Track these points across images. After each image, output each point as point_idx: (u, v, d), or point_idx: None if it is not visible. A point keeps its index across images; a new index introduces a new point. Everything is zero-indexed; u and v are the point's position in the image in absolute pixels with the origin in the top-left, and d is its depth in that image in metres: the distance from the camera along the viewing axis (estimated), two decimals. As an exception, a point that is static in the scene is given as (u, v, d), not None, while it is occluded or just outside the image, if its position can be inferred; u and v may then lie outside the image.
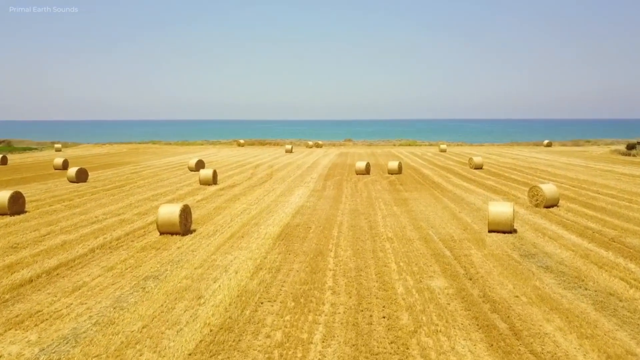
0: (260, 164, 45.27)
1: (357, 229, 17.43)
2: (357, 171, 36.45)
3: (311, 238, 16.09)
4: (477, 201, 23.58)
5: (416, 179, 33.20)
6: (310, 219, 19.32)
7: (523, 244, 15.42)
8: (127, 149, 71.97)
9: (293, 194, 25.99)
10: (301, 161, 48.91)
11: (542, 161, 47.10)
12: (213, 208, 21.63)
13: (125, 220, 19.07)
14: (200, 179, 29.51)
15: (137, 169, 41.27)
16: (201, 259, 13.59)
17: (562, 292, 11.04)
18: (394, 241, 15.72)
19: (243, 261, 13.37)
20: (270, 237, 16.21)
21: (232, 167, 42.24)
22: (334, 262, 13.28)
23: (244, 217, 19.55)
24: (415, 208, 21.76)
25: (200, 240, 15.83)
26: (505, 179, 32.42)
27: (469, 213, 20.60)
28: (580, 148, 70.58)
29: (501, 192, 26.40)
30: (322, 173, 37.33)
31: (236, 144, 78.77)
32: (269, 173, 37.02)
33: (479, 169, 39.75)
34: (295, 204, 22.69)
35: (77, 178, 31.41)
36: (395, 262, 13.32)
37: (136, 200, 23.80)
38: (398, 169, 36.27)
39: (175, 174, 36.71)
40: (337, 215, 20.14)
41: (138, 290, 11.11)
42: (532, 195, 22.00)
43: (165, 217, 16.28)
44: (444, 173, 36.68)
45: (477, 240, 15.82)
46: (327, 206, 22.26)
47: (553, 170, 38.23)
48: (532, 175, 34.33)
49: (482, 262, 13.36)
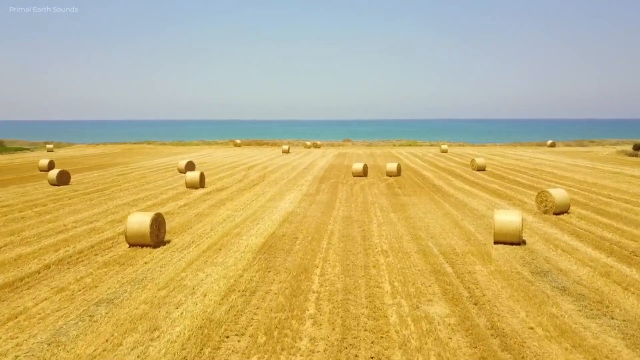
0: (255, 165, 43.61)
1: (348, 240, 15.76)
2: (354, 173, 34.78)
3: (297, 251, 14.42)
4: (480, 207, 21.90)
5: (416, 181, 31.53)
6: (298, 227, 17.64)
7: (534, 258, 13.73)
8: (121, 149, 70.32)
9: (283, 199, 24.31)
10: (297, 162, 47.25)
11: (546, 162, 45.38)
12: (194, 215, 19.97)
13: (95, 229, 17.41)
14: (187, 182, 27.83)
15: (125, 170, 39.63)
16: (168, 278, 11.92)
17: (585, 322, 9.36)
18: (389, 255, 14.04)
19: (215, 280, 11.70)
20: (251, 249, 14.53)
21: (224, 169, 40.58)
22: (319, 282, 11.60)
23: (225, 226, 17.87)
24: (413, 215, 20.08)
25: (172, 253, 14.16)
26: (509, 182, 30.73)
27: (472, 221, 18.92)
28: (585, 148, 68.83)
29: (506, 197, 24.71)
30: (317, 175, 35.67)
31: (233, 144, 77.11)
32: (261, 175, 35.36)
33: (482, 170, 38.06)
34: (284, 210, 21.02)
35: (58, 181, 29.77)
36: (389, 282, 11.65)
37: (114, 206, 22.14)
38: (397, 171, 34.59)
39: (163, 176, 35.05)
40: (328, 223, 18.46)
41: (85, 319, 9.44)
42: (541, 201, 20.31)
43: (135, 227, 14.62)
44: (445, 175, 34.99)
45: (482, 254, 14.14)
46: (319, 213, 20.58)
47: (559, 172, 36.52)
48: (537, 178, 32.63)
49: (488, 282, 11.69)
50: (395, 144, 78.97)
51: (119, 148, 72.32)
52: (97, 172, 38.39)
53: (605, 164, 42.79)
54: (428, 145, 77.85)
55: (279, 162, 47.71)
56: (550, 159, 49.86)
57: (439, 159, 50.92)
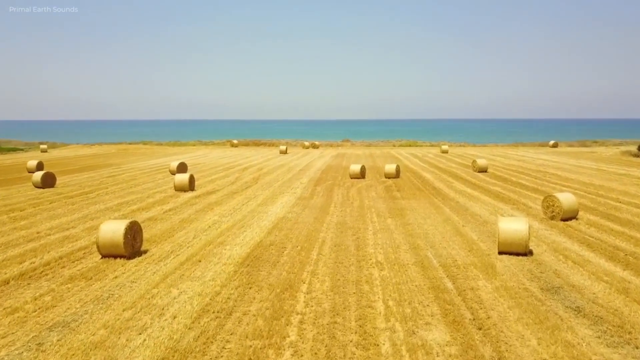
0: (249, 167, 42.42)
1: (341, 250, 14.56)
2: (352, 175, 33.59)
3: (283, 263, 13.22)
4: (483, 212, 20.70)
5: (415, 183, 30.32)
6: (288, 235, 16.44)
7: (542, 271, 12.53)
8: (116, 149, 69.15)
9: (275, 203, 23.11)
10: (294, 163, 46.05)
11: (550, 163, 44.16)
12: (178, 221, 18.77)
13: (69, 237, 16.20)
14: (175, 185, 26.63)
15: (116, 172, 38.44)
16: (137, 295, 10.73)
17: (606, 352, 8.16)
18: (384, 267, 12.85)
19: (189, 299, 10.50)
20: (233, 261, 13.33)
21: (218, 170, 39.39)
22: (305, 301, 10.40)
23: (210, 234, 16.67)
24: (412, 220, 18.88)
25: (147, 265, 12.97)
26: (512, 184, 29.51)
27: (474, 227, 17.72)
28: (588, 149, 67.58)
29: (509, 201, 23.50)
30: (313, 177, 34.48)
31: (230, 144, 75.92)
32: (255, 177, 34.16)
33: (484, 172, 36.85)
34: (274, 216, 19.82)
35: (43, 183, 28.59)
36: (382, 300, 10.45)
37: (96, 211, 20.95)
38: (395, 173, 33.38)
39: (154, 177, 33.87)
40: (320, 230, 17.26)
41: (32, 348, 8.26)
42: (547, 206, 19.09)
43: (107, 236, 13.43)
44: (446, 177, 33.78)
45: (486, 266, 12.94)
46: (312, 218, 19.38)
47: (563, 173, 35.30)
48: (541, 180, 31.42)
49: (493, 300, 10.49)
50: (395, 145, 77.76)
51: (114, 148, 71.15)
52: (87, 173, 37.23)
53: (610, 165, 41.57)
54: (428, 145, 76.63)
55: (275, 163, 46.52)
56: (553, 159, 48.64)
57: (440, 159, 49.72)
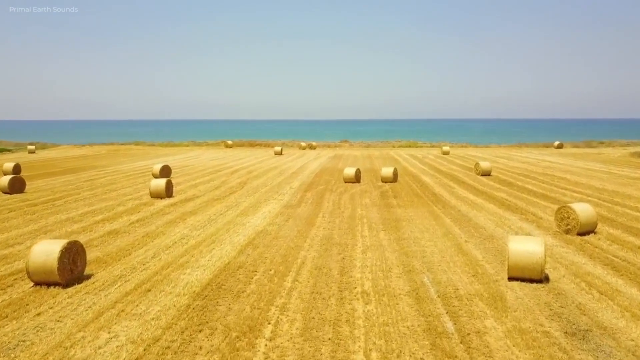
0: (240, 169, 40.18)
1: (322, 275, 12.31)
2: (346, 179, 31.35)
3: (250, 294, 10.98)
4: (488, 223, 18.45)
5: (414, 189, 28.07)
6: (263, 255, 14.19)
7: (563, 305, 10.28)
8: (107, 150, 66.98)
9: (258, 212, 20.87)
10: (287, 165, 43.82)
11: (556, 166, 41.86)
12: (142, 235, 16.52)
13: (8, 256, 13.97)
14: (151, 191, 24.37)
15: (97, 175, 36.25)
16: (55, 342, 8.49)
17: None
18: (370, 299, 10.61)
19: (117, 349, 8.26)
20: (189, 291, 11.09)
21: (205, 173, 37.15)
22: (264, 353, 8.15)
23: (173, 252, 14.43)
24: (408, 234, 16.63)
25: (84, 297, 10.73)
26: (518, 190, 27.24)
27: (478, 243, 15.47)
28: (595, 150, 65.23)
29: (517, 210, 21.22)
30: (305, 181, 32.23)
31: (224, 145, 73.66)
32: (242, 181, 31.91)
33: (487, 175, 34.59)
34: (252, 229, 17.57)
35: (10, 189, 26.40)
36: (364, 351, 8.20)
37: (54, 222, 18.73)
38: (393, 177, 31.12)
39: (135, 182, 31.66)
40: (302, 247, 15.01)
41: None
42: (561, 219, 16.81)
43: (39, 260, 11.20)
44: (447, 181, 31.52)
45: (494, 298, 10.69)
46: (294, 232, 17.13)
47: (572, 177, 33.01)
48: (549, 185, 29.13)
49: (505, 351, 8.23)
50: (395, 145, 75.45)
51: (105, 149, 68.96)
52: (66, 177, 35.04)
53: (621, 168, 39.26)
54: (429, 146, 74.30)
55: (268, 165, 44.28)
56: (559, 161, 46.34)
57: (440, 161, 47.45)
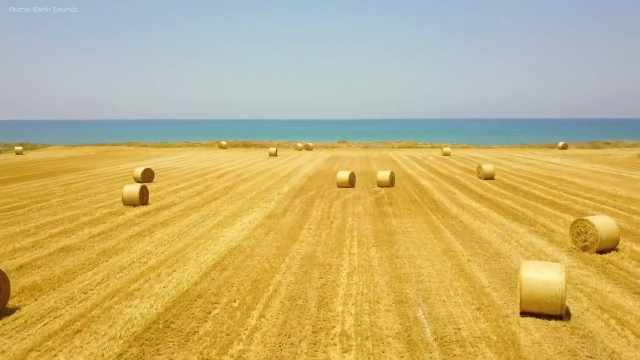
0: (229, 172, 38.12)
1: (295, 308, 10.23)
2: (339, 183, 29.29)
3: (202, 336, 8.88)
4: (493, 237, 16.37)
5: (411, 194, 25.99)
6: (230, 279, 12.11)
7: (592, 354, 8.19)
8: (96, 151, 64.95)
9: (236, 223, 18.80)
10: (280, 168, 41.75)
11: (563, 168, 39.75)
12: (98, 252, 14.44)
13: None
14: (123, 199, 22.31)
15: (77, 178, 34.22)
16: None
17: None
18: (350, 345, 8.53)
19: None
20: (127, 333, 9.00)
21: (191, 177, 35.09)
22: None
23: (125, 276, 12.34)
24: (402, 251, 14.56)
25: (-5, 342, 8.66)
26: (524, 196, 25.14)
27: (483, 262, 13.39)
28: (600, 151, 63.12)
29: (525, 220, 19.14)
30: (295, 185, 30.17)
31: (218, 145, 71.58)
32: (228, 186, 29.83)
33: (490, 179, 32.52)
34: (226, 245, 15.49)
35: (-26, 195, 24.41)
36: None
37: (2, 237, 16.66)
38: (389, 181, 29.04)
39: (113, 186, 29.61)
40: (278, 269, 12.93)
41: None
42: (578, 233, 14.71)
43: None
44: (447, 186, 29.43)
45: (504, 342, 8.61)
46: (273, 248, 15.06)
47: (581, 181, 30.89)
48: (557, 190, 27.03)
49: None
50: (394, 146, 73.34)
51: (95, 150, 66.95)
52: (43, 180, 33.03)
53: (631, 171, 37.15)
54: (429, 147, 72.17)
55: (259, 167, 42.22)
56: (566, 163, 44.24)
57: (441, 163, 45.37)
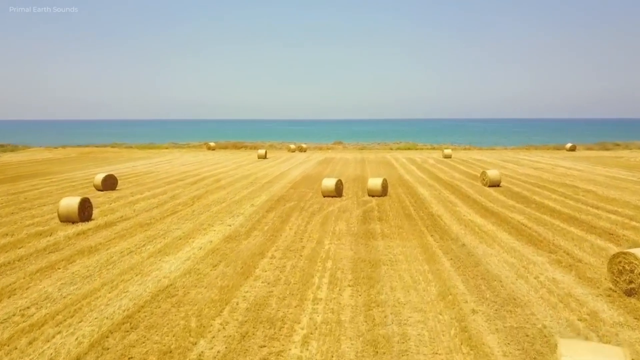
0: (208, 177, 34.52)
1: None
2: (324, 192, 25.68)
3: None
4: (504, 270, 12.75)
5: (406, 206, 22.38)
6: (130, 350, 8.50)
7: None
8: (77, 153, 61.39)
9: (184, 248, 15.18)
10: (265, 172, 38.14)
11: (575, 173, 36.05)
12: (-24, 298, 10.88)
13: None
14: (59, 214, 18.66)
15: (36, 185, 30.69)
16: None
17: None
18: None
19: None
20: None
21: (164, 183, 31.50)
22: None
23: (-15, 343, 8.78)
24: (385, 295, 10.95)
25: None
26: (537, 208, 21.51)
27: (493, 315, 9.76)
28: (611, 153, 59.35)
29: (541, 243, 15.50)
30: (275, 194, 26.57)
31: (206, 147, 67.96)
32: (198, 195, 26.21)
33: (495, 186, 28.92)
34: (156, 283, 11.86)
35: None
36: None
37: None
38: (381, 190, 25.43)
39: (69, 195, 26.03)
40: (209, 328, 9.31)
41: None
42: (620, 272, 11.05)
43: None
44: (448, 195, 25.80)
45: None
46: (215, 290, 11.43)
47: (599, 189, 27.22)
48: (574, 201, 23.37)
49: None
50: (392, 148, 69.63)
51: (77, 152, 63.38)
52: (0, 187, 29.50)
53: (653, 177, 33.45)
54: (429, 148, 68.47)
55: (243, 172, 38.59)
56: (577, 167, 40.55)
57: (441, 167, 41.72)
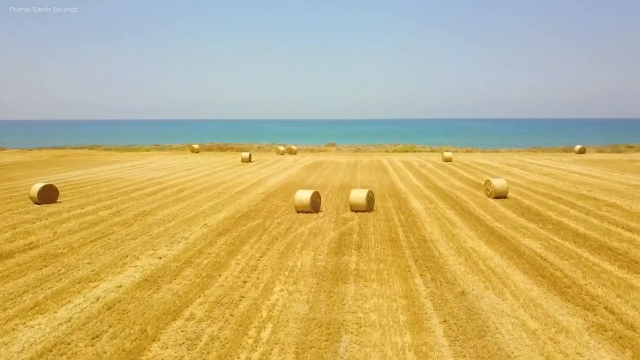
0: (172, 186, 30.29)
1: None
2: (297, 207, 21.50)
3: None
4: (523, 347, 8.50)
5: (393, 226, 18.15)
6: None
7: None
8: (49, 156, 57.20)
9: (78, 297, 10.93)
10: (241, 179, 33.92)
11: (590, 180, 31.74)
12: None
13: None
14: (-61, 243, 14.49)
15: (-32, 196, 26.51)
16: None
17: None
18: None
19: None
20: None
21: (118, 194, 27.26)
22: None
23: None
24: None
25: None
26: (555, 230, 17.27)
27: None
28: (624, 156, 55.00)
29: (567, 290, 11.25)
30: (241, 208, 22.34)
31: (189, 149, 63.71)
32: (146, 210, 21.95)
33: (502, 198, 24.71)
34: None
35: None
36: None
37: None
38: (366, 205, 21.23)
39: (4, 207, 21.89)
40: None
41: None
42: None
43: None
44: (446, 210, 21.53)
45: None
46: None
47: (624, 202, 22.96)
48: (598, 219, 19.11)
49: None
50: (389, 150, 65.29)
51: (49, 155, 59.16)
52: None
53: (682, 186, 29.14)
54: (428, 151, 64.14)
55: (216, 179, 34.34)
56: (591, 173, 36.25)
57: (440, 173, 37.44)
